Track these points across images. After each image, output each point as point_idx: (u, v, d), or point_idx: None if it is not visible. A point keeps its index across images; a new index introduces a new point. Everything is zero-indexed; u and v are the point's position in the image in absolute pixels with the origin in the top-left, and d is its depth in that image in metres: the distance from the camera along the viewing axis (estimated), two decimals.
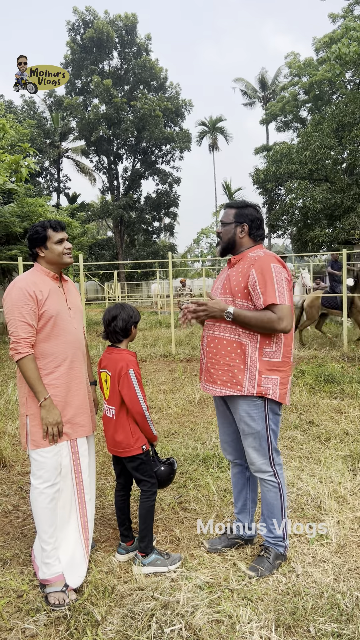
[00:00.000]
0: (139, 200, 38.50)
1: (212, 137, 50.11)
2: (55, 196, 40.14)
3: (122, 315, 2.89)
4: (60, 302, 2.80)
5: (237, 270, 2.77)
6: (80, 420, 2.84)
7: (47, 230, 2.80)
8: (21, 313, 2.64)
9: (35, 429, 2.70)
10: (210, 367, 2.80)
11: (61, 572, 2.69)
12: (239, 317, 2.65)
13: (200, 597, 2.53)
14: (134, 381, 2.80)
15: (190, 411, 6.29)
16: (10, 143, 14.86)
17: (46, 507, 2.69)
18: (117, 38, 34.99)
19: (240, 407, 2.73)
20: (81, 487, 2.81)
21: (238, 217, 2.84)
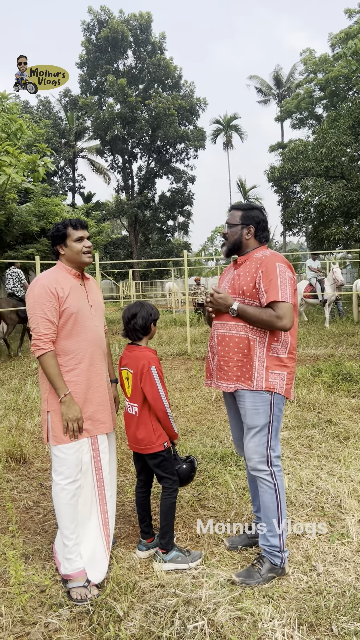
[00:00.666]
0: (154, 199, 38.56)
1: (226, 135, 49.96)
2: (71, 195, 40.38)
3: (141, 313, 2.91)
4: (81, 299, 2.83)
5: (244, 271, 2.81)
6: (101, 417, 2.86)
7: (67, 228, 2.83)
8: (42, 310, 2.67)
9: (56, 424, 2.73)
10: (224, 364, 2.82)
11: (83, 567, 2.71)
12: (242, 314, 2.72)
13: (221, 594, 2.54)
14: (156, 378, 2.81)
15: (207, 409, 6.29)
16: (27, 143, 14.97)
17: (67, 503, 2.71)
18: (132, 37, 35.04)
19: (248, 400, 2.75)
20: (102, 484, 2.84)
21: (244, 219, 2.88)
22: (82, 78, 36.00)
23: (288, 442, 4.89)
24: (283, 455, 4.51)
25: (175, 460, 2.99)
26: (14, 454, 4.65)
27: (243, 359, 2.76)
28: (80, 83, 36.24)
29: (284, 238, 42.44)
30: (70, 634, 2.34)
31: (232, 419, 3.07)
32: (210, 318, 2.98)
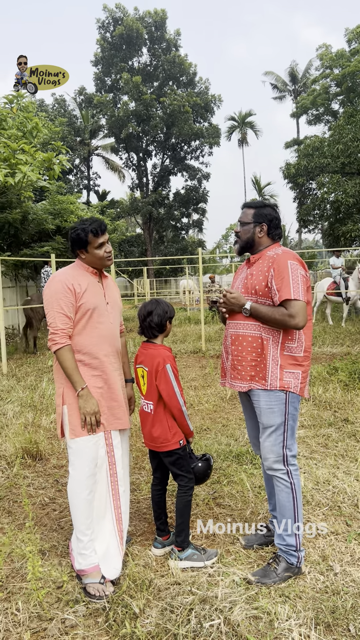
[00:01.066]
0: (168, 197, 38.52)
1: (241, 132, 49.76)
2: (86, 193, 40.51)
3: (157, 310, 2.91)
4: (98, 296, 2.83)
5: (257, 269, 2.80)
6: (116, 413, 2.87)
7: (87, 236, 2.81)
8: (59, 305, 2.69)
9: (72, 418, 2.74)
10: (237, 364, 2.81)
11: (97, 563, 2.72)
12: (255, 313, 2.71)
13: (237, 592, 2.53)
14: (171, 376, 2.81)
15: (221, 407, 6.27)
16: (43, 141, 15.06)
17: (85, 498, 2.72)
18: (147, 34, 34.99)
19: (262, 399, 2.74)
20: (115, 479, 2.84)
21: (257, 217, 2.86)
22: (97, 76, 36.07)
23: (304, 441, 4.86)
24: (299, 454, 4.48)
25: (191, 458, 2.99)
26: (30, 451, 4.68)
27: (257, 358, 2.74)
28: (95, 81, 36.30)
29: (299, 235, 42.17)
30: (87, 630, 2.35)
31: (248, 418, 3.06)
32: (224, 317, 2.97)
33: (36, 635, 2.34)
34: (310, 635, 2.25)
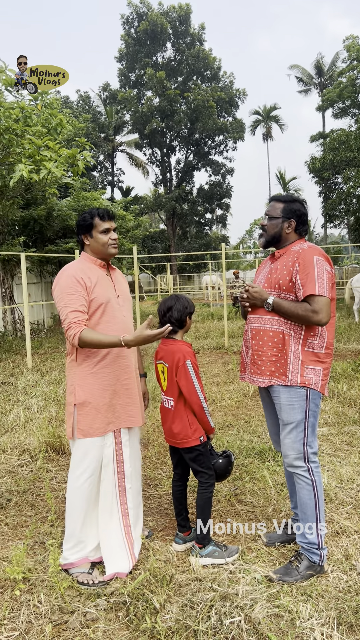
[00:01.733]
0: (192, 192, 38.45)
1: (266, 126, 49.32)
2: (110, 190, 40.70)
3: (177, 306, 2.88)
4: (109, 289, 2.80)
5: (282, 264, 2.76)
6: (129, 410, 2.84)
7: (94, 219, 2.78)
8: (71, 300, 2.64)
9: (83, 417, 2.72)
10: (257, 359, 2.78)
11: (86, 556, 2.77)
12: (278, 308, 2.68)
13: (259, 590, 2.51)
14: (191, 372, 2.79)
15: (244, 404, 6.24)
16: (67, 138, 15.16)
17: (87, 499, 2.74)
18: (171, 29, 34.90)
19: (283, 396, 2.71)
20: (122, 476, 2.81)
21: (286, 212, 2.82)
22: (121, 72, 36.14)
23: (328, 439, 4.80)
24: (322, 452, 4.43)
25: (212, 455, 2.97)
26: (53, 445, 4.73)
27: (277, 353, 2.71)
28: (120, 77, 36.39)
29: (324, 230, 41.63)
30: (107, 624, 2.36)
31: (267, 414, 3.03)
32: (245, 312, 2.93)
33: (57, 628, 2.36)
34: (332, 635, 2.22)
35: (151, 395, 6.55)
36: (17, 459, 4.55)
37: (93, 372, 2.74)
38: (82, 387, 2.73)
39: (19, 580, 2.60)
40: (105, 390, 2.75)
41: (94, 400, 2.73)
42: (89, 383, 2.74)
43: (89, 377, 2.75)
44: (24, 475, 4.22)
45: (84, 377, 2.75)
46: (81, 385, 2.73)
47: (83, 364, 2.76)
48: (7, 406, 6.28)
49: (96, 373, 2.73)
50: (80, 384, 2.73)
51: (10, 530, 3.33)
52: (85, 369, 2.75)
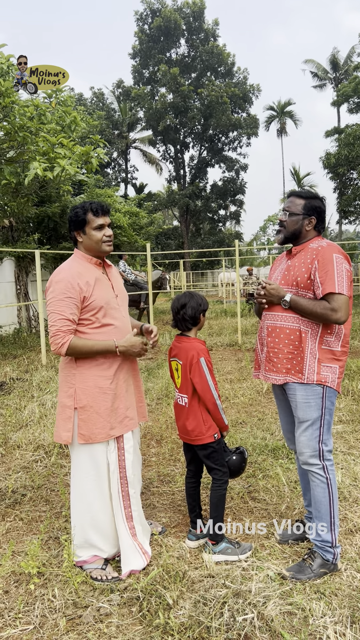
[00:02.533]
0: (205, 189, 38.36)
1: (280, 121, 49.00)
2: (123, 186, 40.76)
3: (190, 303, 2.88)
4: (107, 290, 2.73)
5: (299, 261, 2.74)
6: (130, 413, 2.80)
7: (87, 214, 2.66)
8: (62, 307, 2.56)
9: (84, 422, 2.64)
10: (273, 356, 2.77)
11: (97, 554, 2.77)
12: (295, 305, 2.66)
13: (272, 587, 2.51)
14: (205, 369, 2.79)
15: (257, 401, 6.22)
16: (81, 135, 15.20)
17: (91, 501, 2.72)
18: (185, 25, 34.78)
19: (299, 393, 2.70)
20: (125, 482, 2.74)
21: (307, 209, 2.79)
22: (134, 68, 36.14)
23: (342, 437, 4.77)
24: (337, 450, 4.41)
25: (225, 451, 2.97)
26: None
27: (294, 351, 2.70)
28: (133, 74, 36.39)
29: (339, 226, 41.29)
30: (121, 619, 2.38)
31: (281, 412, 3.02)
32: (260, 309, 2.92)
33: (71, 622, 2.38)
34: (345, 634, 2.21)
35: (164, 391, 6.56)
36: (31, 455, 4.59)
37: (94, 375, 2.66)
38: (84, 390, 2.65)
39: (34, 575, 2.63)
40: (107, 394, 2.68)
41: (96, 404, 2.66)
42: (90, 386, 2.66)
43: (90, 379, 2.67)
44: (38, 470, 4.26)
45: (84, 379, 2.66)
46: (82, 388, 2.65)
47: (83, 366, 2.67)
48: (22, 402, 6.33)
49: (97, 376, 2.66)
50: (81, 387, 2.65)
51: (25, 525, 3.36)
52: (85, 371, 2.67)
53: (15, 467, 4.33)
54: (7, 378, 7.78)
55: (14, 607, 2.49)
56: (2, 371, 8.40)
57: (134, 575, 2.70)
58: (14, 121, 8.58)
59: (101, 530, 2.76)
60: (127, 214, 17.47)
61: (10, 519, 3.45)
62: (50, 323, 2.59)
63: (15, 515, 3.50)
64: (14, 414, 5.79)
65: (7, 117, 8.53)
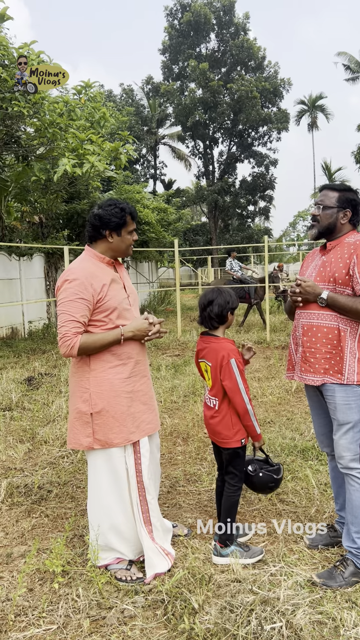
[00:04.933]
0: (234, 184, 38.06)
1: (311, 115, 48.29)
2: (152, 183, 40.80)
3: (218, 300, 2.76)
4: (120, 291, 2.68)
5: (336, 256, 2.63)
6: (147, 417, 2.73)
7: (126, 217, 2.63)
8: (72, 307, 2.51)
9: (100, 427, 2.59)
10: (310, 356, 2.66)
11: (119, 556, 2.73)
12: (333, 303, 2.55)
13: (301, 595, 2.42)
14: (235, 371, 2.68)
15: (286, 400, 6.11)
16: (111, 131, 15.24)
17: (109, 505, 2.68)
18: (215, 19, 34.50)
19: (338, 395, 2.59)
20: (142, 486, 2.68)
21: (342, 202, 2.68)
22: (164, 64, 36.04)
23: None
24: None
25: (267, 463, 2.86)
26: None
27: (332, 350, 2.59)
28: (163, 69, 36.29)
29: None
30: (145, 622, 2.33)
31: (315, 414, 2.92)
32: (291, 308, 2.82)
33: (95, 624, 2.34)
34: None
35: (191, 389, 6.51)
36: (58, 450, 4.59)
37: (109, 379, 2.60)
38: (99, 394, 2.59)
39: (58, 574, 2.60)
40: (123, 397, 2.62)
41: (112, 409, 2.60)
42: (106, 390, 2.60)
43: (105, 383, 2.61)
44: (64, 467, 4.25)
45: (99, 383, 2.60)
46: (97, 392, 2.59)
47: (97, 369, 2.61)
48: (50, 397, 6.36)
49: (112, 379, 2.60)
50: (96, 391, 2.59)
51: (50, 522, 3.35)
52: (100, 374, 2.61)
53: (42, 462, 4.34)
54: (35, 373, 7.85)
55: (38, 606, 2.47)
56: (31, 366, 8.48)
57: (159, 577, 2.65)
58: (44, 117, 8.63)
59: (122, 534, 2.71)
60: (155, 210, 17.45)
61: (36, 515, 3.45)
62: (60, 324, 2.53)
63: (40, 511, 3.50)
64: (41, 409, 5.82)
65: (37, 114, 8.57)
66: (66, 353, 2.52)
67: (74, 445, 2.67)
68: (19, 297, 12.36)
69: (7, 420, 5.52)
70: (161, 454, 4.49)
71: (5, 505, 3.59)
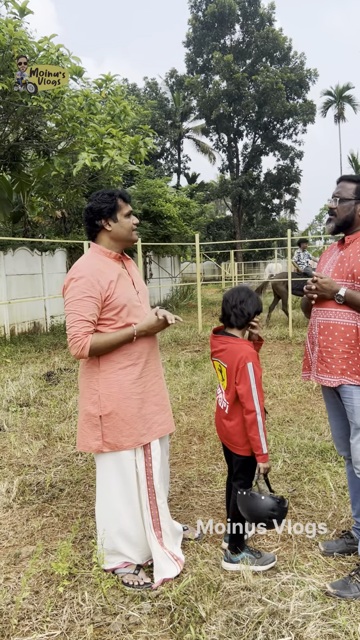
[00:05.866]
0: (259, 178, 37.66)
1: (338, 107, 47.37)
2: (176, 177, 40.64)
3: (250, 300, 2.61)
4: (129, 287, 2.57)
5: (355, 251, 2.49)
6: (159, 419, 2.63)
7: (117, 200, 2.51)
8: (80, 306, 2.42)
9: (109, 430, 2.51)
10: (327, 356, 2.53)
11: (127, 560, 2.66)
12: (351, 300, 2.43)
13: (313, 607, 2.32)
14: (251, 376, 2.53)
15: (307, 398, 5.97)
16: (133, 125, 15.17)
17: (119, 509, 2.60)
18: (240, 10, 34.09)
19: (356, 397, 2.46)
20: (152, 490, 2.59)
21: (359, 193, 2.53)
22: (188, 57, 35.81)
23: None
24: None
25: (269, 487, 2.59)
26: None
27: (349, 350, 2.47)
28: (187, 62, 36.07)
29: None
30: (150, 630, 2.26)
31: (332, 416, 2.80)
32: (308, 305, 2.70)
33: (99, 630, 2.28)
34: None
35: (209, 386, 6.41)
36: (72, 448, 4.56)
37: (119, 380, 2.51)
38: (108, 396, 2.50)
39: (64, 577, 2.55)
40: (133, 399, 2.53)
41: (121, 411, 2.51)
42: (115, 392, 2.51)
43: (115, 385, 2.52)
44: (78, 464, 4.21)
45: (108, 385, 2.52)
46: (107, 394, 2.51)
47: (107, 370, 2.52)
48: (68, 393, 6.35)
49: (122, 381, 2.51)
50: (105, 393, 2.51)
51: (60, 522, 3.31)
52: (109, 375, 2.52)
53: (56, 460, 4.31)
54: (55, 368, 7.85)
55: (43, 610, 2.42)
56: (51, 361, 8.50)
57: (167, 583, 2.57)
58: (63, 112, 8.59)
59: (130, 538, 2.63)
60: (178, 204, 17.33)
61: (47, 514, 3.41)
62: (69, 325, 2.44)
63: (51, 510, 3.46)
64: (58, 405, 5.80)
65: (57, 108, 8.55)
66: (77, 354, 2.43)
67: (83, 448, 2.60)
68: (42, 292, 12.41)
69: (24, 416, 5.51)
70: (176, 452, 4.42)
71: (16, 503, 3.56)
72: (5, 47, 7.65)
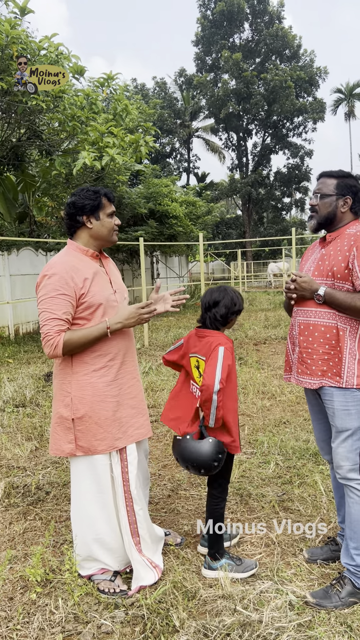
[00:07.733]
0: (268, 176, 37.48)
1: (348, 104, 47.01)
2: (185, 176, 40.59)
3: (224, 301, 2.55)
4: (105, 286, 2.50)
5: (335, 249, 2.41)
6: (135, 422, 2.56)
7: (101, 198, 2.46)
8: (53, 305, 2.35)
9: (82, 433, 2.44)
10: (307, 357, 2.45)
11: (103, 567, 2.60)
12: (331, 300, 2.35)
13: (288, 617, 2.24)
14: (219, 357, 2.43)
15: (305, 400, 5.87)
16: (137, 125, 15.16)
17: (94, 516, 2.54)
18: (249, 8, 33.93)
19: (337, 399, 2.38)
20: (129, 496, 2.52)
21: (340, 189, 2.45)
22: (197, 56, 35.72)
23: None
24: None
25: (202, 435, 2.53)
26: None
27: (330, 351, 2.39)
28: (196, 61, 36.01)
29: None
30: (122, 639, 2.20)
31: (315, 419, 2.72)
32: (289, 305, 2.62)
33: (69, 639, 2.23)
34: None
35: None
36: None
37: (92, 382, 2.43)
38: (81, 399, 2.43)
39: (36, 584, 2.50)
40: (108, 402, 2.46)
41: (95, 414, 2.44)
42: (88, 394, 2.44)
43: (88, 387, 2.44)
44: (67, 467, 4.16)
45: (81, 387, 2.44)
46: (79, 397, 2.43)
47: (80, 372, 2.45)
48: None
49: (96, 383, 2.44)
50: (78, 396, 2.44)
51: (43, 525, 3.25)
52: (82, 377, 2.44)
53: (46, 462, 4.27)
54: None
55: (14, 617, 2.37)
56: (52, 361, 8.48)
57: (143, 591, 2.51)
58: (64, 111, 8.56)
59: (106, 545, 2.57)
60: (184, 203, 17.25)
61: (31, 518, 3.36)
62: (41, 323, 2.37)
63: (35, 513, 3.41)
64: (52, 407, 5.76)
65: (58, 107, 8.52)
66: (51, 353, 2.37)
67: (56, 452, 2.53)
68: None
69: (19, 417, 5.48)
70: (167, 454, 4.36)
71: (1, 506, 3.52)
72: (3, 46, 7.63)
